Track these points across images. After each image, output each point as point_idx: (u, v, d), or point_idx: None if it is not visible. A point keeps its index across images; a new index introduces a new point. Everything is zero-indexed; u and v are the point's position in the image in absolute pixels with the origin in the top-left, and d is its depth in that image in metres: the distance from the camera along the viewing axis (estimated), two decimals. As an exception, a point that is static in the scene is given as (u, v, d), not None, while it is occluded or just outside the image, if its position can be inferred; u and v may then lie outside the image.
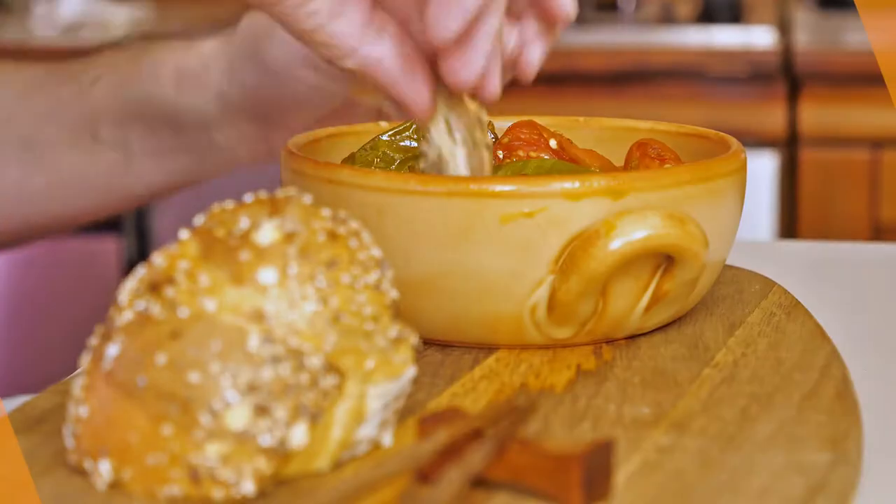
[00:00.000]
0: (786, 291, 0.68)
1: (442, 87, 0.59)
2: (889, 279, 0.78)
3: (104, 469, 0.46)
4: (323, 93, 0.76)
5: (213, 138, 0.82)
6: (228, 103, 0.80)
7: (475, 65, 0.57)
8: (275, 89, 0.78)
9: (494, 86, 0.60)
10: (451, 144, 0.59)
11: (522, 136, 0.66)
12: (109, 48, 0.86)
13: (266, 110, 0.79)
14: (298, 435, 0.46)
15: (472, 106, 0.60)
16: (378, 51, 0.58)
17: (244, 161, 0.83)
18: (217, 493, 0.45)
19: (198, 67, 0.80)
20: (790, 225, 1.99)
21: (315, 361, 0.47)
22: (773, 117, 1.99)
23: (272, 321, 0.47)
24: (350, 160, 0.66)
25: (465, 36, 0.57)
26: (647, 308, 0.60)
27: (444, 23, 0.56)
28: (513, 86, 0.65)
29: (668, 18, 2.23)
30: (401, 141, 0.66)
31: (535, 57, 0.62)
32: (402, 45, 0.58)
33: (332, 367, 0.47)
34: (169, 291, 0.47)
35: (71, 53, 0.88)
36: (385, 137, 0.66)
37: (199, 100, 0.80)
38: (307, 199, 0.50)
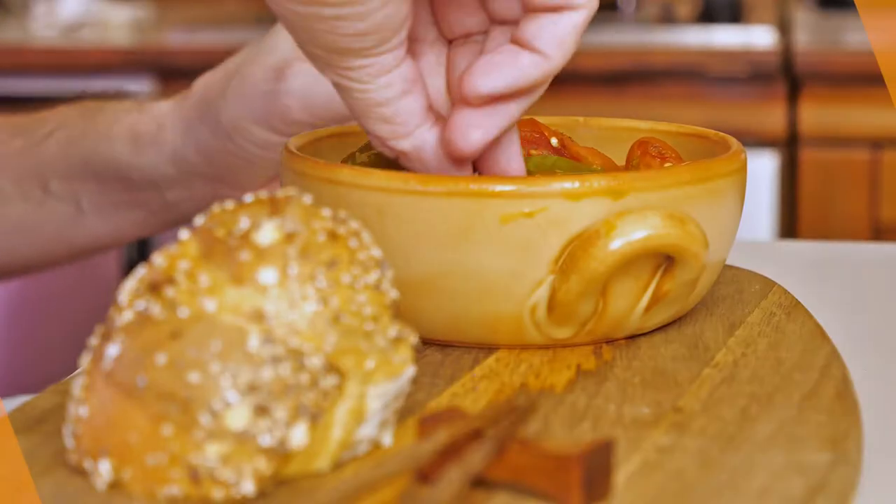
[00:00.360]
0: (786, 291, 0.68)
1: None
2: (889, 279, 0.78)
3: (104, 469, 0.46)
4: (275, 150, 0.77)
5: (165, 196, 0.83)
6: (183, 163, 0.81)
7: (484, 132, 0.56)
8: (229, 148, 0.79)
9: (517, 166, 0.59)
10: None
11: (524, 135, 0.66)
12: (64, 104, 0.87)
13: (219, 169, 0.81)
14: (298, 435, 0.46)
15: None
16: (433, 136, 0.57)
17: (194, 217, 0.84)
18: (217, 494, 0.45)
19: (152, 128, 0.82)
20: (790, 225, 1.99)
21: (315, 361, 0.47)
22: (773, 117, 1.99)
23: (272, 321, 0.47)
24: (350, 160, 0.66)
25: (492, 102, 0.56)
26: (648, 308, 0.60)
27: (491, 78, 0.55)
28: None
29: (668, 18, 2.23)
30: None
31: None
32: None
33: (332, 367, 0.47)
34: (169, 291, 0.47)
35: (32, 111, 0.88)
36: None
37: (153, 160, 0.82)
38: (307, 199, 0.50)
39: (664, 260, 0.59)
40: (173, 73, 2.10)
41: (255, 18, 2.26)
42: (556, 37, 0.55)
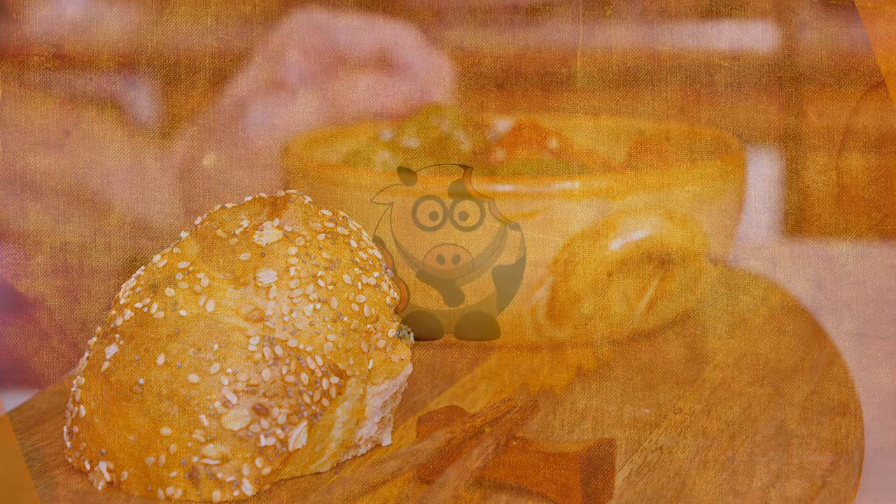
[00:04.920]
0: (787, 292, 0.68)
1: None
2: (891, 280, 0.78)
3: (103, 469, 0.46)
4: (246, 191, 0.80)
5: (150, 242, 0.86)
6: (167, 214, 0.85)
7: None
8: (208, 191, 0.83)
9: None
10: None
11: (523, 136, 0.66)
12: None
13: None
14: (298, 435, 0.46)
15: None
16: None
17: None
18: (216, 494, 0.45)
19: (145, 185, 0.86)
20: (792, 225, 1.99)
21: (315, 362, 0.47)
22: (774, 116, 1.99)
23: (272, 321, 0.46)
24: (350, 160, 0.65)
25: None
26: (648, 308, 0.60)
27: None
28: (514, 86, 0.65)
29: (668, 17, 2.23)
30: (401, 141, 0.66)
31: None
32: None
33: (332, 367, 0.47)
34: (169, 291, 0.47)
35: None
36: (385, 137, 0.66)
37: (145, 212, 0.85)
38: (307, 199, 0.50)
39: (665, 260, 0.59)
40: (174, 73, 2.10)
41: (264, 15, 2.25)
42: None
